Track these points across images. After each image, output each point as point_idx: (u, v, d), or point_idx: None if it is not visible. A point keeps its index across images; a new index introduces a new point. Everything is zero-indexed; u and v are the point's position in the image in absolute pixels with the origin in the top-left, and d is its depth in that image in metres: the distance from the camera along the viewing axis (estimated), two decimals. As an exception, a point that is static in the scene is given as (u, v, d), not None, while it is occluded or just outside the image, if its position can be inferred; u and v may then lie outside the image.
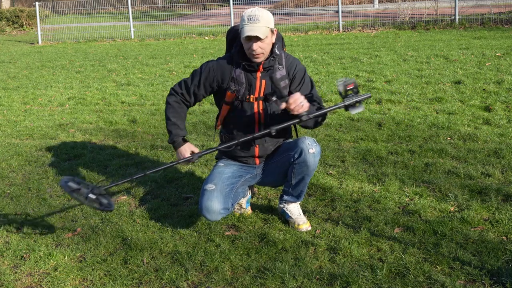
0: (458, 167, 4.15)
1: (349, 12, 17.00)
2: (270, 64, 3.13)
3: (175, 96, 3.29)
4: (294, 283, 2.75)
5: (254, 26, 2.97)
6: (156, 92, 7.81)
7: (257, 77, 3.15)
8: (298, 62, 3.26)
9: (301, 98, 2.93)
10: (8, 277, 2.94)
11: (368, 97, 3.03)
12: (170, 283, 2.83)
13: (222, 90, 3.22)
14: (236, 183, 3.26)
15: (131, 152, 5.04)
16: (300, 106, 2.91)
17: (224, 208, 3.14)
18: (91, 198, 2.82)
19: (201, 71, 3.24)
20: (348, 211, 3.55)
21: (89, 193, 2.84)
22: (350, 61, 9.37)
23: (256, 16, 2.99)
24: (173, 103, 3.28)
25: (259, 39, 3.00)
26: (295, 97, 2.92)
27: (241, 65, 3.15)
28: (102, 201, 2.87)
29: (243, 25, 3.01)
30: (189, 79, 3.28)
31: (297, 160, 3.16)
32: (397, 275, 2.78)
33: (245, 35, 2.98)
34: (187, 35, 16.07)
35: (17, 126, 6.27)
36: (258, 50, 3.04)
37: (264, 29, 2.99)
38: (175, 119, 3.24)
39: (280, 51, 3.19)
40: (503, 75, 7.20)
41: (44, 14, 19.51)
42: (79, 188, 2.87)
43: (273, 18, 3.10)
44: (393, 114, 5.79)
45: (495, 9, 14.39)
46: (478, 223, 3.26)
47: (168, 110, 3.28)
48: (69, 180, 2.91)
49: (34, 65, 11.52)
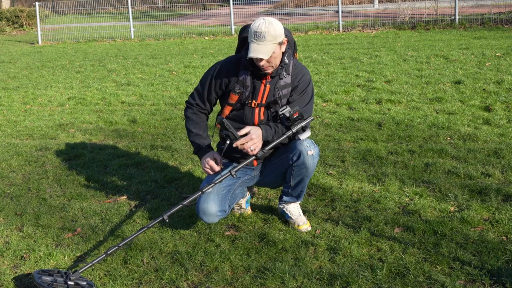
0: (458, 167, 4.15)
1: (349, 12, 17.00)
2: (278, 72, 3.13)
3: (191, 108, 3.30)
4: (294, 283, 2.75)
5: (259, 45, 2.93)
6: (156, 92, 7.81)
7: (262, 82, 3.15)
8: (306, 72, 3.23)
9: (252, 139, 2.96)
10: (8, 277, 2.94)
11: (311, 120, 3.09)
12: (170, 283, 2.83)
13: (227, 91, 3.22)
14: (233, 185, 3.26)
15: (131, 152, 5.04)
16: (250, 151, 2.97)
17: (221, 211, 3.14)
18: (71, 285, 2.71)
19: (210, 77, 3.23)
20: (348, 211, 3.55)
21: (67, 280, 2.72)
22: (350, 61, 9.37)
23: (262, 34, 2.92)
24: (190, 115, 3.29)
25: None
26: (245, 140, 2.95)
27: (249, 70, 3.14)
28: (82, 285, 2.76)
29: (250, 40, 2.98)
30: (199, 88, 3.28)
31: (296, 163, 3.16)
32: (397, 275, 2.78)
33: (249, 55, 2.96)
34: (187, 35, 16.06)
35: (17, 126, 6.27)
36: (265, 65, 3.03)
37: (269, 47, 2.95)
38: (197, 130, 3.25)
39: (290, 59, 3.17)
40: (503, 75, 7.20)
41: (44, 14, 19.50)
42: (55, 280, 2.74)
43: (283, 28, 3.03)
44: (393, 114, 5.79)
45: (495, 9, 14.39)
46: (478, 223, 3.26)
47: (188, 123, 3.29)
48: (40, 275, 2.76)
49: (34, 65, 11.52)
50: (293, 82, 3.18)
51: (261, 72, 3.10)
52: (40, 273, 2.77)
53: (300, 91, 3.19)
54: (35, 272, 2.78)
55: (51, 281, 2.71)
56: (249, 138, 2.97)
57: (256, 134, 2.99)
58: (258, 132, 3.01)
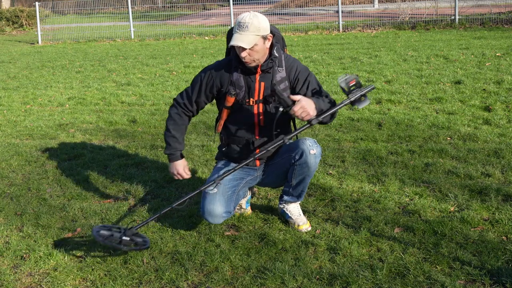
0: (458, 167, 4.15)
1: (349, 12, 17.00)
2: (268, 66, 3.10)
3: (177, 107, 3.30)
4: (294, 283, 2.75)
5: (241, 35, 2.93)
6: (156, 92, 7.81)
7: (256, 79, 3.14)
8: (299, 63, 3.22)
9: (306, 104, 2.88)
10: (8, 277, 2.94)
11: (372, 89, 3.02)
12: (170, 283, 2.83)
13: (222, 95, 3.21)
14: (238, 185, 3.26)
15: (131, 152, 5.04)
16: (307, 113, 2.87)
17: (227, 212, 3.14)
18: (125, 240, 2.95)
19: (200, 79, 3.23)
20: (348, 211, 3.55)
21: (123, 236, 2.96)
22: (350, 61, 9.37)
23: (246, 24, 2.93)
24: (174, 115, 3.29)
25: (245, 48, 2.97)
26: (300, 105, 2.86)
27: (239, 69, 3.14)
28: (137, 241, 3.00)
29: (234, 31, 2.99)
30: (189, 88, 3.28)
31: (298, 162, 3.16)
32: (397, 275, 2.78)
33: (230, 43, 2.97)
34: (187, 35, 16.07)
35: (17, 126, 6.27)
36: (246, 58, 3.01)
37: (251, 37, 2.93)
38: (175, 132, 3.28)
39: (280, 53, 3.15)
40: (503, 75, 7.20)
41: (44, 14, 19.49)
42: (112, 234, 2.98)
43: (268, 24, 3.02)
44: (393, 114, 5.79)
45: (495, 9, 14.39)
46: (478, 223, 3.26)
47: (169, 122, 3.31)
48: (100, 228, 3.02)
49: (34, 65, 11.52)
50: (288, 76, 3.16)
51: (249, 66, 3.07)
52: (99, 228, 3.01)
53: (303, 81, 3.16)
54: (95, 227, 3.03)
55: (107, 236, 2.95)
56: (302, 102, 2.89)
57: (307, 101, 2.91)
58: (308, 100, 2.94)
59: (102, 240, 2.94)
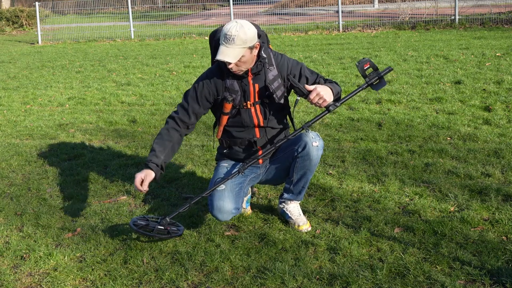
0: (458, 167, 4.15)
1: (349, 12, 17.00)
2: (258, 69, 3.11)
3: (168, 123, 3.26)
4: (294, 283, 2.75)
5: (227, 48, 2.90)
6: (156, 92, 7.81)
7: (249, 83, 3.14)
8: (288, 59, 3.22)
9: (322, 90, 2.98)
10: (8, 277, 2.94)
11: (389, 70, 3.10)
12: (170, 283, 2.83)
13: (219, 102, 3.21)
14: (243, 182, 3.27)
15: (131, 152, 5.04)
16: (323, 100, 3.00)
17: (235, 208, 3.14)
18: (159, 229, 3.07)
19: (195, 89, 3.22)
20: (348, 211, 3.55)
21: (157, 225, 3.08)
22: (350, 61, 9.37)
23: (232, 37, 2.89)
24: (162, 130, 3.26)
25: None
26: (316, 92, 2.98)
27: (230, 75, 3.13)
28: (171, 229, 3.10)
29: (220, 42, 2.95)
30: (184, 102, 3.26)
31: (301, 154, 3.17)
32: (397, 275, 2.78)
33: (216, 57, 2.95)
34: (187, 35, 16.07)
35: (17, 126, 6.27)
36: (234, 68, 3.02)
37: (237, 51, 2.91)
38: (156, 145, 3.19)
39: (267, 52, 3.15)
40: (503, 75, 7.20)
41: (44, 14, 19.49)
42: (147, 224, 3.11)
43: (255, 31, 2.99)
44: (393, 114, 5.79)
45: (495, 9, 14.39)
46: (478, 223, 3.26)
47: (157, 136, 3.26)
48: (137, 219, 3.15)
49: (34, 65, 11.52)
50: (281, 73, 3.17)
51: (238, 74, 3.09)
52: (137, 218, 3.16)
53: (299, 74, 3.19)
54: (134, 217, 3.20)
55: (143, 225, 3.08)
56: (317, 89, 2.99)
57: (323, 88, 3.01)
58: (324, 87, 3.03)
59: (136, 229, 3.05)
